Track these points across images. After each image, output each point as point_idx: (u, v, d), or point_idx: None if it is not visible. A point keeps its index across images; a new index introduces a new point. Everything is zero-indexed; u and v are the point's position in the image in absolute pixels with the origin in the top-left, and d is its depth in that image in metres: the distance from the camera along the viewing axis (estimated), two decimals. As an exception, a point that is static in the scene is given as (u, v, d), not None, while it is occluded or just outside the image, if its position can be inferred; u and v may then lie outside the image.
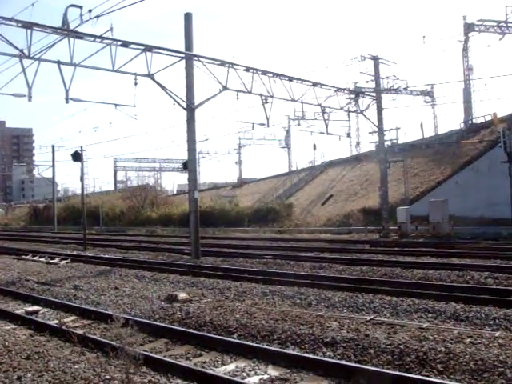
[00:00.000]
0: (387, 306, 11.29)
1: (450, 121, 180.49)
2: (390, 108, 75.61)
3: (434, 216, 30.35)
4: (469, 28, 48.38)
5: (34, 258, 25.21)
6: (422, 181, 41.33)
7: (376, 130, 36.26)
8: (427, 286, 13.45)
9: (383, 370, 6.95)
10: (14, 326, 10.91)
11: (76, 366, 7.51)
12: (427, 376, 6.68)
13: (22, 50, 19.84)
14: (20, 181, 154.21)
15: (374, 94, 35.55)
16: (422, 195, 38.74)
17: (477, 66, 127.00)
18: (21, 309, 12.84)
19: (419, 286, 13.34)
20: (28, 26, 19.54)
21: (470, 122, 46.77)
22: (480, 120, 45.24)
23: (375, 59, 35.53)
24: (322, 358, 7.69)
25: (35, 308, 12.70)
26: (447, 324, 9.55)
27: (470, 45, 49.62)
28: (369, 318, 9.92)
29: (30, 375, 7.28)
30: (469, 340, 7.99)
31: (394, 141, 40.68)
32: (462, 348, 7.49)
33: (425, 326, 9.17)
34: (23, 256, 26.34)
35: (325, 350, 8.16)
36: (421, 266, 17.23)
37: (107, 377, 6.89)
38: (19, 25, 19.47)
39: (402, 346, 7.71)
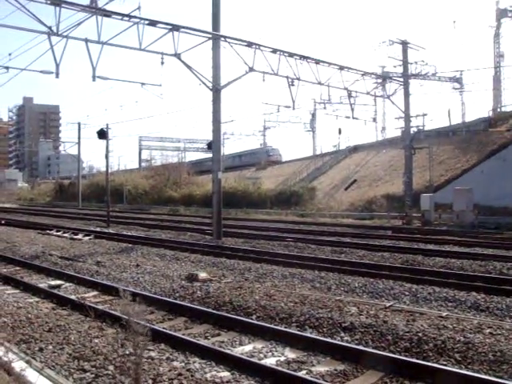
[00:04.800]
0: (407, 293, 11.24)
1: (479, 108, 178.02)
2: (418, 94, 74.91)
3: (459, 204, 30.05)
4: (501, 14, 47.57)
5: (58, 234, 25.55)
6: (447, 168, 40.87)
7: (402, 115, 35.96)
8: (448, 274, 13.35)
9: (400, 357, 6.94)
10: (37, 299, 11.12)
11: (96, 341, 7.64)
12: (444, 365, 6.66)
13: (50, 28, 19.94)
14: (46, 157, 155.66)
15: (402, 79, 35.19)
16: (447, 183, 38.32)
17: (508, 53, 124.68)
18: (44, 282, 13.05)
19: (440, 275, 13.26)
20: (57, 3, 19.61)
21: (498, 109, 46.04)
22: (509, 108, 44.57)
23: (404, 44, 35.13)
24: (339, 343, 7.71)
25: (58, 282, 12.91)
26: (467, 314, 9.49)
27: (502, 31, 48.91)
28: (388, 305, 9.90)
29: (51, 347, 7.42)
30: (488, 331, 7.93)
31: (421, 127, 40.28)
32: (481, 338, 7.44)
33: (444, 314, 9.13)
34: (47, 231, 26.70)
35: (343, 334, 8.17)
36: (443, 255, 17.12)
37: (126, 352, 6.99)
38: (48, 2, 19.55)
39: (420, 334, 7.68)
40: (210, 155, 78.18)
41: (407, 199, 34.47)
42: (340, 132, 65.51)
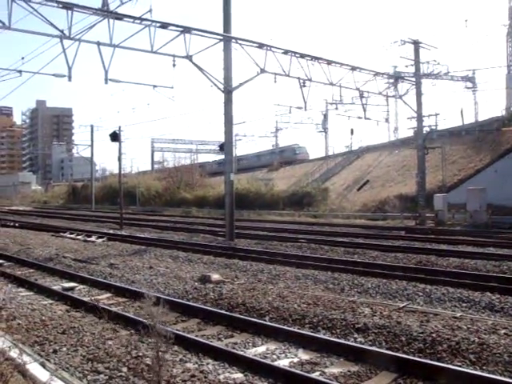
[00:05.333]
0: (421, 293, 11.19)
1: (492, 107, 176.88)
2: (430, 93, 74.57)
3: (472, 204, 29.89)
4: (514, 12, 47.22)
5: (72, 236, 25.68)
6: (460, 168, 40.65)
7: (415, 115, 35.75)
8: (462, 274, 13.25)
9: (413, 358, 6.90)
10: (50, 301, 11.18)
11: (109, 343, 7.67)
12: (459, 366, 6.62)
13: (62, 31, 20.05)
14: (59, 160, 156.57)
15: (414, 79, 35.01)
16: (460, 183, 38.11)
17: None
18: (58, 285, 13.11)
19: (454, 275, 13.17)
20: (69, 6, 19.72)
21: (511, 108, 45.72)
22: (523, 107, 44.23)
23: (416, 43, 34.93)
24: (352, 344, 7.68)
25: (71, 284, 12.96)
26: (481, 314, 9.44)
27: (515, 29, 48.45)
28: (401, 306, 9.86)
29: (64, 349, 7.46)
30: (503, 331, 7.87)
31: (433, 127, 40.10)
32: (496, 339, 7.38)
33: (458, 315, 9.07)
34: (61, 233, 26.85)
35: (356, 335, 8.14)
36: (457, 255, 17.02)
37: (139, 354, 7.01)
38: (60, 6, 19.66)
39: (434, 335, 7.64)
40: (243, 154, 78.71)
41: (420, 199, 34.29)
42: (352, 132, 65.48)
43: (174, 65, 22.93)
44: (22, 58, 25.03)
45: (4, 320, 8.90)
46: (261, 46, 24.65)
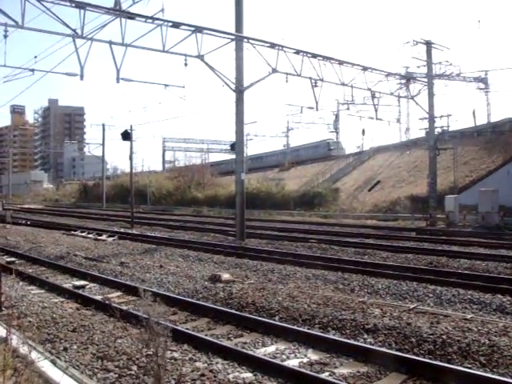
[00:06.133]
0: (431, 295, 11.15)
1: (504, 108, 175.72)
2: (442, 94, 74.23)
3: (484, 206, 29.73)
4: (527, 13, 46.89)
5: (83, 234, 25.81)
6: (472, 169, 40.47)
7: (426, 116, 35.65)
8: (473, 276, 13.20)
9: (423, 360, 6.88)
10: (61, 299, 11.24)
11: (119, 341, 7.70)
12: (469, 368, 6.59)
13: (74, 30, 20.14)
14: (71, 158, 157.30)
15: (426, 80, 34.89)
16: (472, 184, 37.92)
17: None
18: (68, 283, 13.20)
19: (465, 277, 13.11)
20: (81, 6, 19.82)
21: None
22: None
23: (428, 44, 34.83)
24: (362, 345, 7.67)
25: (82, 283, 13.03)
26: (492, 316, 9.38)
27: (528, 30, 48.10)
28: (412, 307, 9.83)
29: (75, 347, 7.50)
30: (514, 333, 7.83)
31: (445, 128, 39.92)
32: (506, 341, 7.33)
33: (469, 317, 9.03)
34: (72, 232, 26.99)
35: (366, 336, 8.12)
36: (468, 256, 16.93)
37: (149, 353, 7.02)
38: (73, 5, 19.77)
39: (444, 337, 7.60)
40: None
41: (431, 200, 34.17)
42: (364, 133, 65.51)
43: (185, 64, 22.99)
44: (35, 57, 25.09)
45: (15, 317, 8.95)
46: (272, 45, 24.65)
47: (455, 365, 6.70)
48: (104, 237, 24.21)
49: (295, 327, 8.60)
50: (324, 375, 6.61)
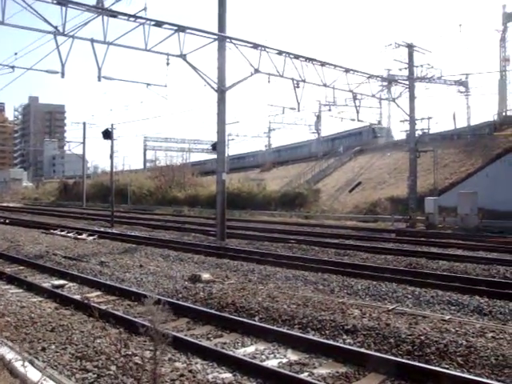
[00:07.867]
0: (410, 296, 11.22)
1: (484, 112, 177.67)
2: (423, 97, 74.80)
3: (463, 208, 29.97)
4: (508, 17, 47.57)
5: (62, 233, 25.60)
6: (451, 172, 40.79)
7: (407, 118, 35.91)
8: (452, 278, 13.31)
9: (402, 360, 6.93)
10: (40, 299, 11.14)
11: (98, 341, 7.64)
12: (446, 368, 6.65)
13: (56, 27, 20.02)
14: (51, 156, 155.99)
15: (407, 82, 35.15)
16: (452, 186, 38.22)
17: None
18: (47, 282, 13.09)
19: (444, 278, 13.21)
20: (63, 3, 19.69)
21: (504, 113, 45.97)
22: (514, 112, 44.50)
23: (410, 47, 35.10)
24: (341, 345, 7.71)
25: (61, 282, 12.95)
26: (470, 317, 9.47)
27: (508, 35, 48.77)
28: (391, 308, 9.89)
29: (53, 347, 7.44)
30: (491, 335, 7.91)
31: (426, 130, 40.27)
32: (483, 342, 7.42)
33: (447, 318, 9.11)
34: (51, 230, 26.77)
35: (345, 337, 8.16)
36: (447, 258, 17.06)
37: (128, 353, 7.00)
38: (54, 2, 19.62)
39: (422, 337, 7.66)
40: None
41: (411, 202, 34.42)
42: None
43: (167, 63, 22.98)
44: (15, 54, 25.03)
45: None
46: (255, 46, 24.67)
47: (433, 365, 6.76)
48: (84, 236, 24.05)
49: (275, 327, 8.62)
50: (303, 375, 6.63)
